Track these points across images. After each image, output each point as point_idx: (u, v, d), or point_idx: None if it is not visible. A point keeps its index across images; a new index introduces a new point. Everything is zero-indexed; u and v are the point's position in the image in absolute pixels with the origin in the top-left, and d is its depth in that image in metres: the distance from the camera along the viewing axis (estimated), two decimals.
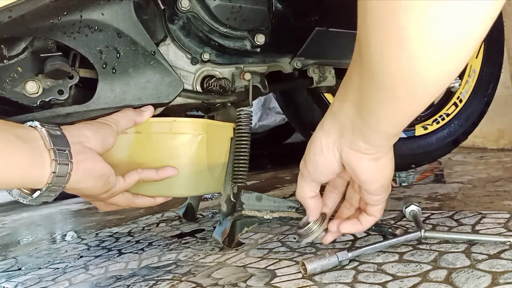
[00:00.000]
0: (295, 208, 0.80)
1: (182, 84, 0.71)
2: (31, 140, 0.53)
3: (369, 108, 0.46)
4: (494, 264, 0.54)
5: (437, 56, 0.36)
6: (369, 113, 0.46)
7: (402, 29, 0.35)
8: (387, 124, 0.46)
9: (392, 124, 0.47)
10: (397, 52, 0.37)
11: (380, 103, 0.44)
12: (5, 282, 0.85)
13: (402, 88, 0.40)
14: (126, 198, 0.68)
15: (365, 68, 0.43)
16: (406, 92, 0.40)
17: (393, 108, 0.43)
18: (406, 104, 0.42)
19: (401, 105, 0.42)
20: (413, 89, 0.40)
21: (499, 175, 1.07)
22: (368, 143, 0.50)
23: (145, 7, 0.71)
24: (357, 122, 0.49)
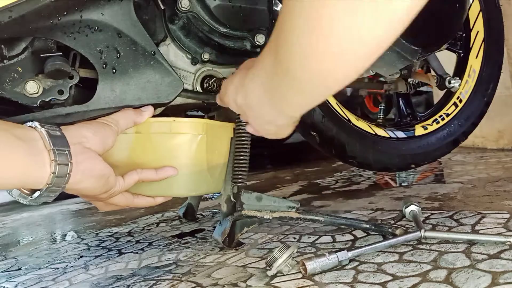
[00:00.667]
0: (295, 208, 0.80)
1: (182, 84, 0.71)
2: (31, 141, 0.53)
3: (278, 94, 0.50)
4: (494, 264, 0.54)
5: (354, 56, 0.39)
6: (278, 98, 0.51)
7: (328, 30, 0.37)
8: (291, 109, 0.52)
9: (295, 109, 0.53)
10: (320, 53, 0.39)
11: (290, 92, 0.47)
12: (5, 282, 0.85)
13: (317, 83, 0.43)
14: (125, 198, 0.68)
15: (282, 62, 0.45)
16: (319, 87, 0.44)
17: (302, 97, 0.48)
18: (316, 95, 0.47)
19: (310, 95, 0.47)
20: (326, 85, 0.43)
21: (499, 175, 1.07)
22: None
23: (145, 7, 0.71)
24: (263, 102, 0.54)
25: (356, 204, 1.02)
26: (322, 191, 1.26)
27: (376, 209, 0.93)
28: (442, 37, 0.95)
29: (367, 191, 1.16)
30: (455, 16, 0.95)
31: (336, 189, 1.25)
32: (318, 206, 1.07)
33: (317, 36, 0.38)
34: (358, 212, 0.93)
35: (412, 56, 0.90)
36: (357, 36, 0.36)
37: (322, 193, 1.22)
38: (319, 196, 1.18)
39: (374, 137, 1.12)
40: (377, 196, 1.07)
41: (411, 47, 0.87)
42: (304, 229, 0.85)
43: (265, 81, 0.52)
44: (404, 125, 1.21)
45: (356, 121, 1.16)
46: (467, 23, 1.21)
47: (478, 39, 1.22)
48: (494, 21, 1.23)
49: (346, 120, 1.14)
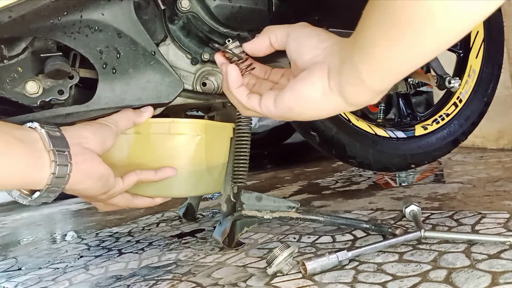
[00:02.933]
0: (295, 208, 0.80)
1: (182, 84, 0.71)
2: (31, 142, 0.53)
3: (369, 45, 0.44)
4: (494, 264, 0.54)
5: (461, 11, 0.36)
6: (366, 51, 0.44)
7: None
8: (383, 67, 0.44)
9: (388, 69, 0.44)
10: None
11: (387, 40, 0.41)
12: (5, 282, 0.85)
13: (416, 27, 0.38)
14: (125, 198, 0.68)
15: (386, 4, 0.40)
16: (416, 32, 0.39)
17: (399, 48, 0.41)
18: (410, 47, 0.40)
19: (406, 46, 0.40)
20: (423, 31, 0.38)
21: (499, 175, 1.07)
22: (342, 85, 0.47)
23: (145, 7, 0.71)
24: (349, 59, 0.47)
25: (356, 204, 1.02)
26: (322, 191, 1.26)
27: (376, 209, 0.94)
28: None
29: (367, 191, 1.16)
30: None
31: (336, 189, 1.25)
32: (318, 206, 1.07)
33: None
34: (358, 212, 0.94)
35: None
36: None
37: (322, 193, 1.22)
38: (319, 196, 1.18)
39: (374, 137, 1.12)
40: (377, 196, 1.07)
41: None
42: (304, 229, 0.85)
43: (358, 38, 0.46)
44: (404, 125, 1.21)
45: (356, 121, 1.16)
46: None
47: (478, 39, 1.22)
48: (494, 21, 1.23)
49: (346, 120, 1.14)
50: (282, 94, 0.52)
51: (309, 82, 0.49)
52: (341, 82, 0.47)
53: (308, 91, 0.49)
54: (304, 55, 0.52)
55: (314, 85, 0.49)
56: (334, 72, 0.48)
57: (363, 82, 0.45)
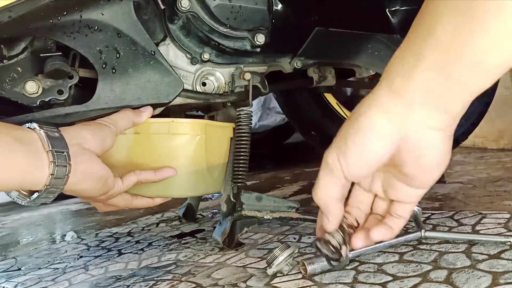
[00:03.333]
0: (295, 208, 0.80)
1: (182, 84, 0.71)
2: (30, 142, 0.53)
3: (467, 46, 0.37)
4: (494, 264, 0.54)
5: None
6: (465, 54, 0.37)
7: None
8: (489, 61, 0.37)
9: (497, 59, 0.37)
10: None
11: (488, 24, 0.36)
12: (5, 282, 0.85)
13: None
14: (124, 199, 0.68)
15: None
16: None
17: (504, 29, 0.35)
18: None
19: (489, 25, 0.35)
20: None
21: (499, 175, 1.07)
22: (448, 110, 0.41)
23: (145, 7, 0.71)
24: (439, 86, 0.40)
25: None
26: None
27: None
28: None
29: None
30: None
31: None
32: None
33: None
34: None
35: None
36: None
37: None
38: None
39: None
40: None
41: None
42: (304, 229, 0.85)
43: (436, 53, 0.39)
44: None
45: None
46: None
47: None
48: None
49: None
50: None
51: (430, 152, 0.43)
52: (449, 109, 0.41)
53: (437, 157, 0.43)
54: (382, 155, 0.44)
55: (436, 147, 0.43)
56: (434, 114, 0.41)
57: (466, 85, 0.39)
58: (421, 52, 0.40)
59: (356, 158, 0.44)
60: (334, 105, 1.14)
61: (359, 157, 0.44)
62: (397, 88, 0.42)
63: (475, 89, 0.39)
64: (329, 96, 1.14)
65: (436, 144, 0.43)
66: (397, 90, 0.42)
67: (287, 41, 0.79)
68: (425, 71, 0.40)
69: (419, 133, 0.42)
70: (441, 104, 0.41)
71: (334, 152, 0.46)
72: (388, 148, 0.43)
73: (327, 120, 1.12)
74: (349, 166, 0.45)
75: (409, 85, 0.41)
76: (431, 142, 0.42)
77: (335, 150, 0.46)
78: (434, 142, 0.42)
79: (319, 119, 1.12)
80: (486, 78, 0.38)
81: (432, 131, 0.42)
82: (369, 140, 0.43)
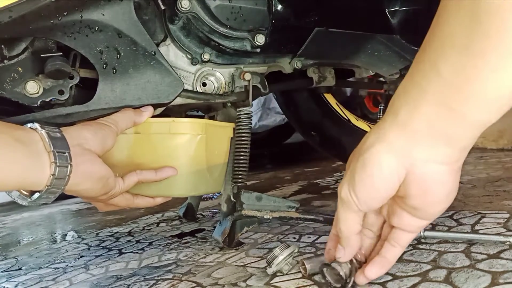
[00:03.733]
0: (295, 208, 0.80)
1: (182, 85, 0.71)
2: (31, 142, 0.53)
3: (468, 80, 0.37)
4: (493, 264, 0.54)
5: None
6: (469, 89, 0.38)
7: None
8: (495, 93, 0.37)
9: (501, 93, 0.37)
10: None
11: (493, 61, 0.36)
12: (5, 282, 0.85)
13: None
14: (125, 199, 0.68)
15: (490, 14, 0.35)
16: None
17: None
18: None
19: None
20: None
21: (499, 175, 1.07)
22: (453, 144, 0.41)
23: (145, 7, 0.71)
24: (442, 119, 0.40)
25: None
26: (322, 191, 1.26)
27: None
28: None
29: None
30: None
31: (336, 189, 1.25)
32: (318, 206, 1.07)
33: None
34: None
35: (412, 56, 0.90)
36: None
37: (322, 193, 1.22)
38: (319, 196, 1.18)
39: None
40: None
41: (411, 47, 0.87)
42: (304, 229, 0.85)
43: (438, 87, 0.39)
44: None
45: (356, 121, 1.16)
46: None
47: None
48: None
49: (346, 120, 1.14)
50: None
51: (436, 187, 0.43)
52: (454, 144, 0.41)
53: (443, 192, 0.44)
54: (390, 189, 0.45)
55: (443, 182, 0.43)
56: (439, 147, 0.42)
57: (474, 122, 0.39)
58: (424, 86, 0.40)
59: (364, 193, 0.46)
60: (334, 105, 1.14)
61: (367, 193, 0.45)
62: (401, 120, 0.43)
63: (479, 123, 0.39)
64: (329, 96, 1.14)
65: (442, 179, 0.43)
66: (401, 123, 0.43)
67: (287, 41, 0.80)
68: (428, 104, 0.40)
69: (424, 168, 0.42)
70: (445, 138, 0.41)
71: (346, 187, 0.47)
72: (394, 183, 0.44)
73: (327, 120, 1.12)
74: (360, 201, 0.46)
75: (412, 118, 0.42)
76: (437, 177, 0.43)
77: (346, 184, 0.47)
78: (440, 177, 0.43)
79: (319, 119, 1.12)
80: (489, 112, 0.38)
81: (437, 165, 0.42)
82: (375, 177, 0.44)
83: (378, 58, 0.88)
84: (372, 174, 0.44)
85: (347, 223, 0.49)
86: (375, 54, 0.87)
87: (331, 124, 1.11)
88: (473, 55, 0.36)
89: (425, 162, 0.42)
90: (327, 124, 1.11)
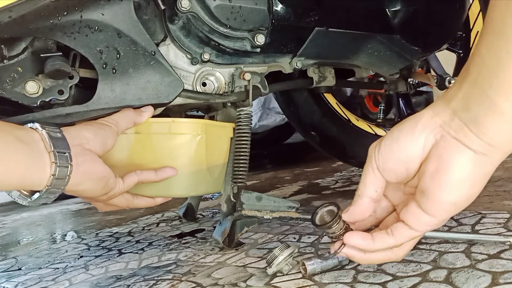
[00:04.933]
0: (295, 208, 0.80)
1: (182, 84, 0.71)
2: (31, 142, 0.53)
3: (501, 64, 0.37)
4: (494, 264, 0.54)
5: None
6: (494, 82, 0.38)
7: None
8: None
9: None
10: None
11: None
12: (5, 282, 0.85)
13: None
14: (125, 199, 0.68)
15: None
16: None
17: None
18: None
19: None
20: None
21: (499, 175, 1.07)
22: (482, 133, 0.40)
23: (145, 7, 0.71)
24: (476, 103, 0.40)
25: None
26: (322, 191, 1.26)
27: None
28: (442, 37, 0.95)
29: None
30: (455, 16, 0.95)
31: (336, 189, 1.25)
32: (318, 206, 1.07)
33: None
34: None
35: (412, 56, 0.90)
36: None
37: (322, 193, 1.22)
38: (319, 196, 1.18)
39: (374, 137, 1.12)
40: None
41: (411, 47, 0.87)
42: (304, 229, 0.85)
43: (476, 70, 0.39)
44: None
45: (356, 121, 1.16)
46: (467, 23, 1.21)
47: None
48: None
49: (346, 120, 1.14)
50: (428, 204, 0.44)
51: (451, 167, 0.41)
52: (482, 131, 0.40)
53: (456, 175, 0.42)
54: (411, 153, 0.44)
55: (460, 164, 0.41)
56: (467, 131, 0.41)
57: (503, 114, 0.38)
58: (468, 66, 0.41)
59: (388, 148, 0.45)
60: (334, 105, 1.14)
61: (391, 149, 0.45)
62: (449, 95, 0.43)
63: (510, 117, 0.38)
64: (329, 96, 1.14)
65: (462, 163, 0.41)
66: (447, 98, 0.43)
67: (287, 41, 0.80)
68: (468, 85, 0.41)
69: (450, 144, 0.42)
70: (478, 125, 0.40)
71: (377, 142, 0.47)
72: (418, 145, 0.43)
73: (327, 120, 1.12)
74: (381, 157, 0.46)
75: (455, 96, 0.42)
76: (458, 158, 0.41)
77: (379, 140, 0.47)
78: (461, 160, 0.41)
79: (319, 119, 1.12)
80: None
81: (463, 147, 0.41)
82: (402, 130, 0.44)
83: (378, 58, 0.88)
84: (401, 129, 0.44)
85: (364, 181, 0.48)
86: (375, 54, 0.87)
87: (331, 124, 1.11)
88: (506, 40, 0.36)
89: (452, 138, 0.41)
90: (327, 124, 1.11)
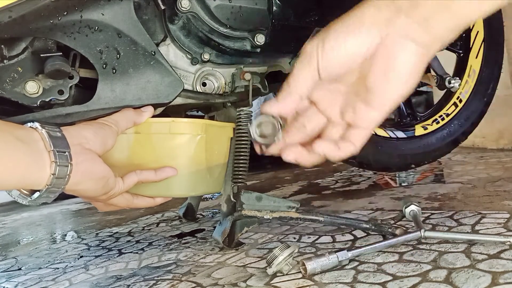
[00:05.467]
0: (295, 208, 0.80)
1: (182, 84, 0.71)
2: (31, 142, 0.53)
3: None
4: (494, 264, 0.54)
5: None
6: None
7: None
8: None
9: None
10: None
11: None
12: (5, 282, 0.85)
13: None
14: (125, 199, 0.68)
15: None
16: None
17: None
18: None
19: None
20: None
21: (499, 175, 1.07)
22: (429, 29, 0.40)
23: (145, 7, 0.71)
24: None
25: (356, 204, 1.02)
26: (322, 191, 1.26)
27: (376, 209, 0.94)
28: None
29: (367, 191, 1.16)
30: None
31: (336, 189, 1.25)
32: (318, 206, 1.07)
33: None
34: (358, 212, 0.94)
35: None
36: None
37: (322, 193, 1.22)
38: (319, 196, 1.18)
39: (374, 137, 1.12)
40: (377, 196, 1.07)
41: None
42: (304, 229, 0.85)
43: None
44: (404, 125, 1.21)
45: None
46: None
47: (478, 39, 1.22)
48: (494, 21, 1.23)
49: None
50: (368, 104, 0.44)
51: (397, 62, 0.42)
52: (431, 25, 0.40)
53: (403, 69, 0.42)
54: (357, 51, 0.43)
55: (405, 58, 0.42)
56: (415, 26, 0.41)
57: (453, 12, 0.39)
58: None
59: (333, 47, 0.43)
60: None
61: (337, 47, 0.43)
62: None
63: (460, 15, 0.39)
64: None
65: (407, 55, 0.42)
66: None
67: (287, 41, 0.80)
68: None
69: (396, 38, 0.41)
70: (423, 20, 0.40)
71: (316, 41, 0.44)
72: (365, 45, 0.42)
73: None
74: (325, 56, 0.43)
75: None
76: (405, 53, 0.42)
77: (317, 39, 0.44)
78: (406, 53, 0.42)
79: None
80: (474, 5, 0.38)
81: (408, 41, 0.41)
82: (348, 26, 0.42)
83: None
84: (347, 25, 0.42)
85: (298, 79, 0.45)
86: None
87: None
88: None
89: (399, 34, 0.41)
90: None
